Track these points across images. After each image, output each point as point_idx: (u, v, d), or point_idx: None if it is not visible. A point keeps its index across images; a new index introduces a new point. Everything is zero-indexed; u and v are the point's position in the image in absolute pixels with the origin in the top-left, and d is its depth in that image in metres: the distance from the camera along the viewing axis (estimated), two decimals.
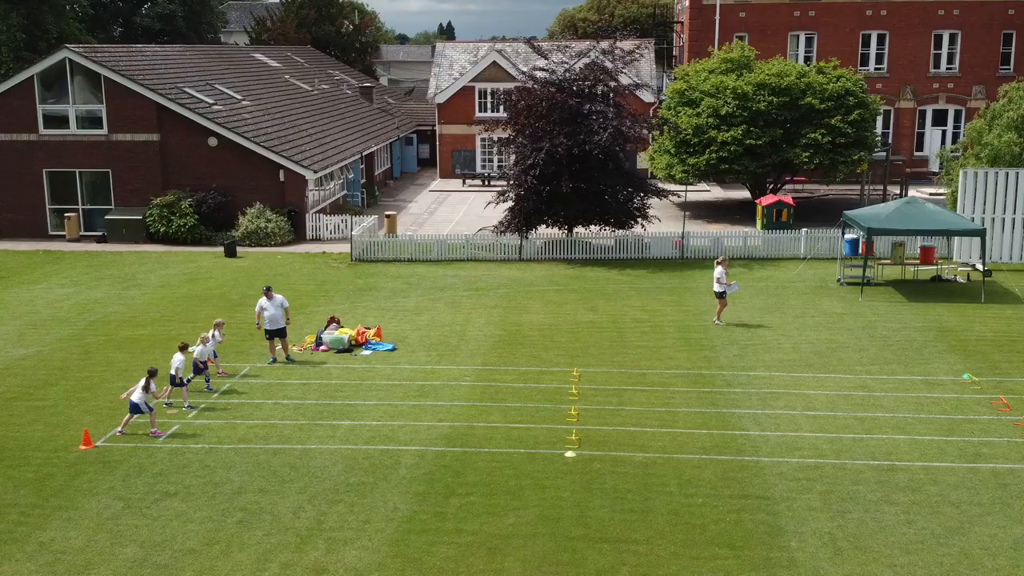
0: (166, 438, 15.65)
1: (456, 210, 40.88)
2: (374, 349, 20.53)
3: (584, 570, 11.46)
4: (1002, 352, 19.99)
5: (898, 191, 40.33)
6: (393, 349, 20.62)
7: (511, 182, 30.89)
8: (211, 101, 35.55)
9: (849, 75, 37.23)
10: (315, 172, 33.77)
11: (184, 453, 15.00)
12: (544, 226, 31.03)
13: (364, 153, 42.22)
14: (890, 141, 47.70)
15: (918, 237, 27.52)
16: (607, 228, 30.97)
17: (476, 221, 36.15)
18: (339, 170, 38.34)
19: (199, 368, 18.01)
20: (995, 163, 30.20)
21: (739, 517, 12.76)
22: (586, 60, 30.98)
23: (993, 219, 28.02)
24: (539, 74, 30.96)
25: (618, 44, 31.75)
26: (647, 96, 47.16)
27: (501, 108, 33.20)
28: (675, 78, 41.27)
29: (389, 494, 13.44)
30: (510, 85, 35.81)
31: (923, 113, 47.99)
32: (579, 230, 31.59)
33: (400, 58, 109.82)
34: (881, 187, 40.36)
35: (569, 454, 14.86)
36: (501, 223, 30.74)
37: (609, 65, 31.02)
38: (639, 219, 31.24)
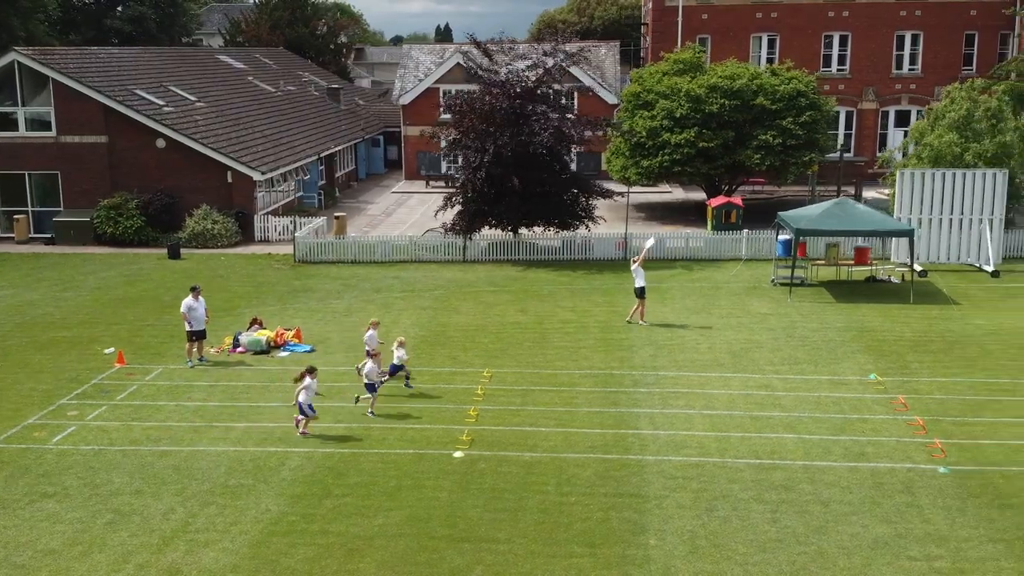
0: (59, 439, 15.67)
1: (414, 211, 40.91)
2: (292, 351, 20.55)
3: (439, 570, 11.50)
4: (916, 352, 20.06)
5: (852, 192, 40.54)
6: (311, 351, 20.64)
7: (458, 184, 31.01)
8: (161, 103, 35.54)
9: (801, 76, 37.30)
10: (262, 173, 33.78)
11: (72, 455, 15.00)
12: (488, 227, 31.12)
13: (322, 154, 42.26)
14: (853, 142, 47.97)
15: (854, 238, 27.59)
16: (551, 229, 31.10)
17: (432, 223, 36.21)
18: (293, 171, 38.36)
19: (395, 368, 18.00)
20: (936, 164, 30.28)
21: (607, 515, 12.81)
22: (528, 62, 31.07)
23: (931, 219, 28.12)
24: (483, 74, 31.07)
25: (562, 45, 31.83)
26: (610, 97, 47.33)
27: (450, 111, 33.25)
28: (631, 81, 41.39)
29: (264, 496, 13.47)
30: (475, 87, 35.85)
31: (886, 114, 48.10)
32: (527, 231, 31.69)
33: (384, 60, 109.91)
34: (835, 188, 40.46)
35: (457, 454, 14.90)
36: (444, 224, 30.85)
37: (551, 64, 31.09)
38: (584, 220, 31.35)
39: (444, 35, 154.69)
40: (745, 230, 30.71)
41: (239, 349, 20.50)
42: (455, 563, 11.60)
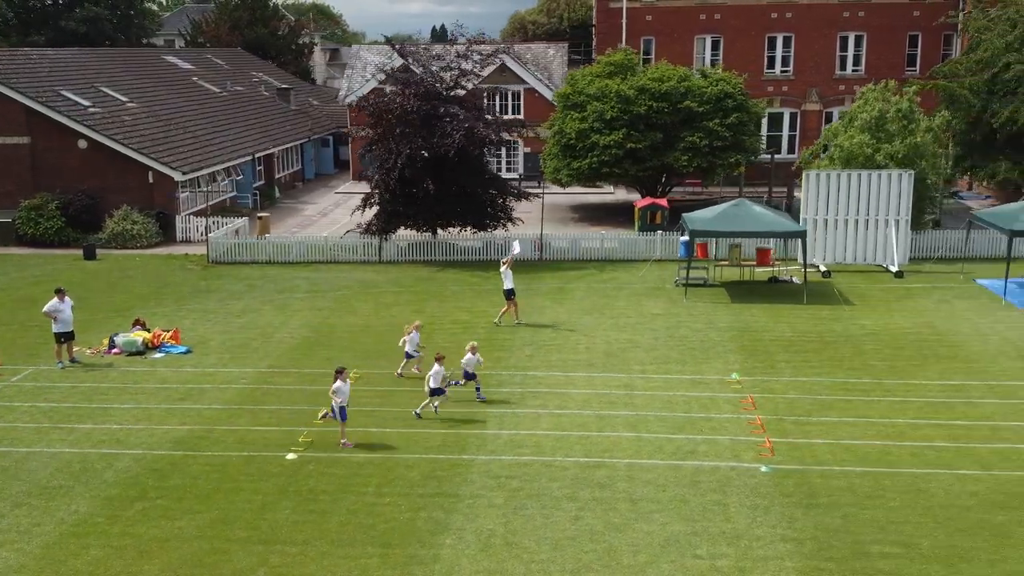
0: None
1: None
2: (167, 352, 20.51)
3: (221, 571, 11.52)
4: (788, 352, 20.14)
5: (785, 192, 40.71)
6: (187, 352, 20.62)
7: (373, 185, 31.05)
8: (87, 103, 35.45)
9: (729, 78, 37.41)
10: (184, 173, 33.72)
11: None
12: (405, 228, 31.14)
13: (258, 154, 42.21)
14: (796, 143, 48.09)
15: (755, 239, 27.54)
16: (467, 230, 31.16)
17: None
18: (224, 171, 38.30)
19: (469, 375, 17.48)
20: (848, 164, 30.38)
21: (414, 516, 12.84)
22: (441, 63, 31.10)
23: (836, 220, 28.20)
24: (400, 75, 31.14)
25: (475, 46, 31.86)
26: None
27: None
28: (566, 82, 41.49)
29: (79, 497, 13.48)
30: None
31: (829, 115, 48.13)
32: (444, 232, 31.69)
33: None
34: (766, 189, 40.59)
35: (290, 456, 14.91)
36: (360, 225, 30.91)
37: (467, 67, 31.15)
38: (503, 221, 31.39)
39: (440, 36, 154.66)
40: (659, 231, 30.87)
41: (114, 350, 20.47)
42: (240, 565, 11.62)
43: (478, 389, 17.48)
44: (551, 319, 23.10)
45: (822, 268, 27.97)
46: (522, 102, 48.22)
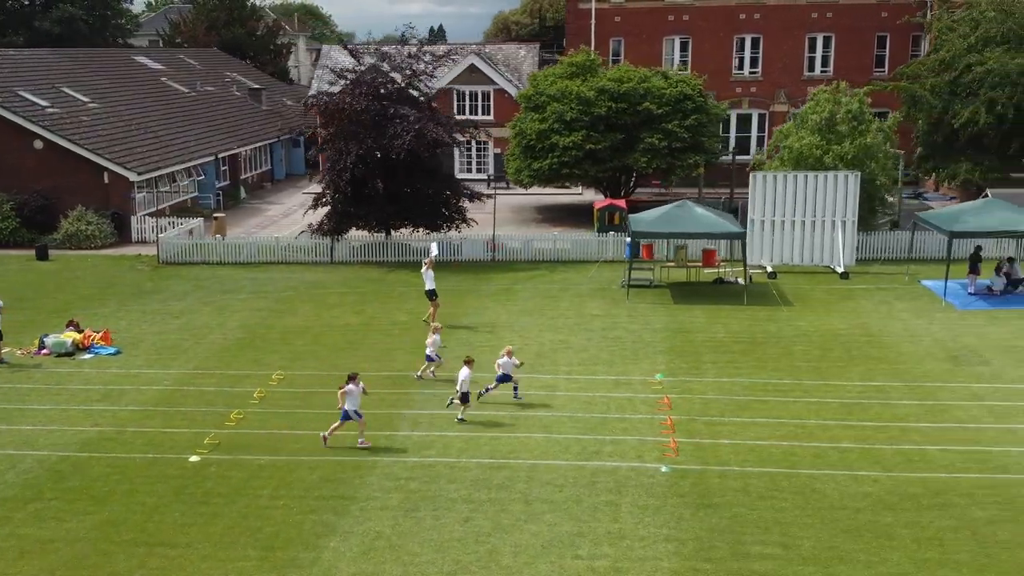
0: None
1: (318, 214, 40.78)
2: (97, 353, 20.48)
3: (98, 572, 11.50)
4: (716, 352, 20.17)
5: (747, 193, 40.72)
6: (117, 353, 20.58)
7: (324, 185, 31.06)
8: (46, 104, 35.39)
9: (689, 79, 37.46)
10: (139, 174, 33.69)
11: None
12: (355, 228, 31.14)
13: (221, 155, 42.15)
14: (764, 144, 48.15)
15: (697, 240, 27.53)
16: (420, 230, 31.16)
17: None
18: (184, 171, 38.25)
19: (505, 378, 17.21)
20: (798, 165, 30.44)
21: (304, 519, 12.83)
22: (392, 63, 31.09)
23: (783, 221, 28.23)
24: (349, 75, 31.15)
25: (426, 48, 31.87)
26: None
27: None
28: (528, 83, 41.52)
29: None
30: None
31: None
32: (397, 232, 31.68)
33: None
34: (728, 189, 40.64)
35: (193, 458, 14.88)
36: (311, 225, 30.92)
37: (419, 67, 31.15)
38: (456, 222, 31.38)
39: (438, 36, 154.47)
40: (611, 232, 30.91)
41: (44, 351, 20.44)
42: (118, 567, 11.61)
43: (515, 388, 17.21)
44: (491, 320, 23.08)
45: (768, 269, 28.04)
46: (492, 103, 48.32)
